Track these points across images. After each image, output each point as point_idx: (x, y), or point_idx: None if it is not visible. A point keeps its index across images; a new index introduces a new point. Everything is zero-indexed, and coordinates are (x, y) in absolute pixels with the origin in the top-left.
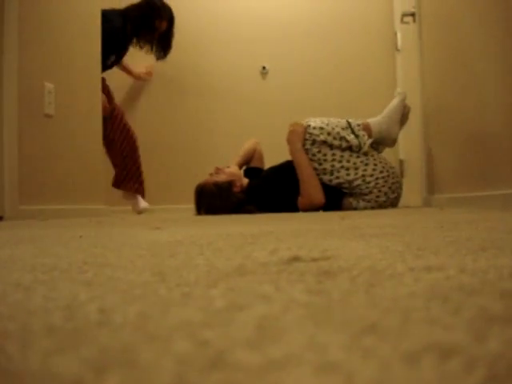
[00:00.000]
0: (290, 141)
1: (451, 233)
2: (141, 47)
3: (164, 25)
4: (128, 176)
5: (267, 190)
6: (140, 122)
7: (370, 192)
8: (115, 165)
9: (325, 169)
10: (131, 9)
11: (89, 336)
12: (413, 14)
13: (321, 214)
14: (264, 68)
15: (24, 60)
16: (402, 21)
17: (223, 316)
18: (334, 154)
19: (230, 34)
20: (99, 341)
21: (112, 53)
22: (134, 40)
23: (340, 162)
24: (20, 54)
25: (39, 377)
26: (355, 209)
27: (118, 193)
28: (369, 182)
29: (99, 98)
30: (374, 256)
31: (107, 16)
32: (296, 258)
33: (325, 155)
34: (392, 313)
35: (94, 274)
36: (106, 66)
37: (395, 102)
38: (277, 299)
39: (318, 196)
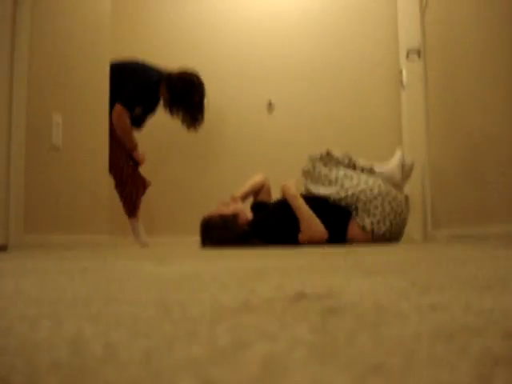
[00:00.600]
0: (284, 189)
1: (456, 270)
2: (172, 114)
3: (197, 99)
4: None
5: (272, 223)
6: (146, 156)
7: (375, 198)
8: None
9: (330, 180)
10: (173, 76)
11: (94, 372)
12: (418, 51)
13: (325, 249)
14: (270, 103)
15: (33, 91)
16: (407, 57)
17: (228, 354)
18: (338, 168)
19: (235, 69)
20: (105, 377)
21: (139, 104)
22: (163, 105)
23: (344, 173)
24: (29, 85)
25: None
26: (363, 228)
27: (122, 224)
28: (372, 189)
29: (106, 131)
30: (378, 294)
31: (146, 68)
32: (301, 295)
33: (330, 169)
34: (397, 353)
35: (99, 308)
36: (131, 116)
37: (397, 158)
38: (281, 337)
39: (320, 229)
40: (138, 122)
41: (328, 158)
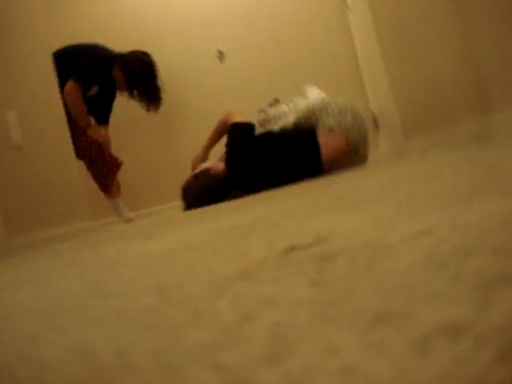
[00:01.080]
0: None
1: (436, 184)
2: (130, 96)
3: (156, 80)
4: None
5: (248, 167)
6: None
7: (329, 104)
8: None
9: (284, 112)
10: (128, 57)
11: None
12: None
13: (305, 184)
14: (220, 52)
15: None
16: None
17: (235, 332)
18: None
19: (180, 20)
20: None
21: (94, 82)
22: (119, 87)
23: (295, 103)
24: None
25: None
26: (330, 130)
27: (102, 206)
28: (323, 99)
29: (63, 119)
30: (366, 228)
31: (99, 47)
32: (292, 248)
33: (280, 106)
34: (395, 295)
35: (99, 307)
36: (87, 98)
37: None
38: (283, 302)
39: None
40: (105, 115)
41: (276, 104)
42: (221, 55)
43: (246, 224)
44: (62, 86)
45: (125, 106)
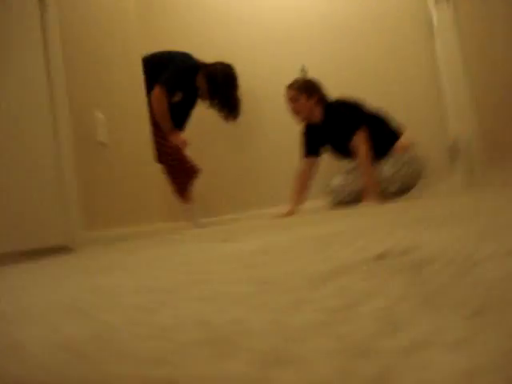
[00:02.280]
0: None
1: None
2: (211, 106)
3: (236, 92)
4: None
5: None
6: (189, 134)
7: None
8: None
9: None
10: (213, 67)
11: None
12: None
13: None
14: (303, 68)
15: (72, 90)
16: (436, 1)
17: (343, 314)
18: None
19: (266, 35)
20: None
21: (179, 89)
22: (200, 95)
23: None
24: (68, 83)
25: None
26: None
27: (171, 210)
28: None
29: (147, 123)
30: (452, 243)
31: (185, 55)
32: (384, 255)
33: None
34: (492, 293)
35: (205, 290)
36: (170, 104)
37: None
38: (382, 294)
39: None
40: (181, 121)
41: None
42: (303, 71)
43: (328, 233)
44: (148, 90)
45: (203, 115)
